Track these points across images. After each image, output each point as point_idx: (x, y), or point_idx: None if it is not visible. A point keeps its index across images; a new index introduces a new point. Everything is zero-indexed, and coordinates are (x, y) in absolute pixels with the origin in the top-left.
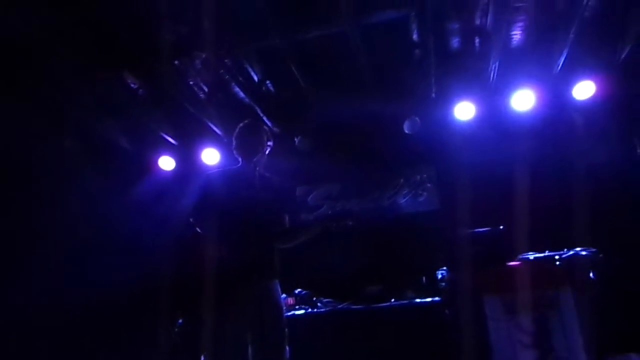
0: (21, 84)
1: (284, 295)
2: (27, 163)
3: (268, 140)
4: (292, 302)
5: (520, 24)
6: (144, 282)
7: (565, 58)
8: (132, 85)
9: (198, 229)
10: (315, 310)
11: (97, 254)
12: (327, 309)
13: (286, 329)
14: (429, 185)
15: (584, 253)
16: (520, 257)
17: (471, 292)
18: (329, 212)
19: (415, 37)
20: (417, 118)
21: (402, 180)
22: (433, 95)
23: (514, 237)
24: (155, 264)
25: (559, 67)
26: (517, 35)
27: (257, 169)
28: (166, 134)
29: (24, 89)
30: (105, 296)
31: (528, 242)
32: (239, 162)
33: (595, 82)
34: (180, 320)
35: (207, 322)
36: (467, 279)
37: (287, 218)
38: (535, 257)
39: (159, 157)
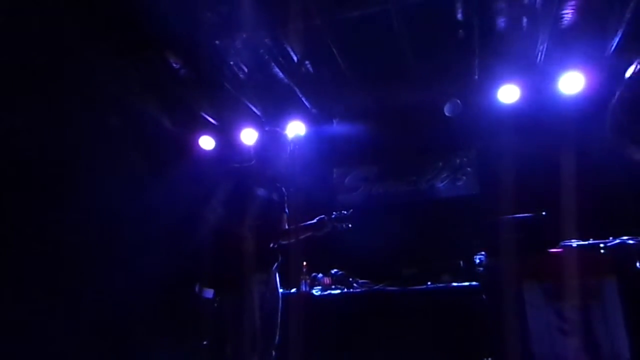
0: (65, 68)
1: (320, 275)
2: (74, 143)
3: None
4: (328, 282)
5: (572, 2)
6: (182, 263)
7: (620, 38)
8: (174, 65)
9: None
10: (351, 290)
11: (137, 235)
12: (363, 289)
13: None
14: (468, 169)
15: (631, 242)
16: (563, 244)
17: (510, 278)
18: (333, 215)
19: (459, 16)
20: (458, 100)
21: (441, 163)
22: (476, 77)
23: (557, 223)
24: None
25: (612, 49)
26: (568, 14)
27: (268, 170)
28: (207, 114)
29: (69, 74)
30: (144, 278)
31: (572, 229)
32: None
33: None
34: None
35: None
36: (506, 265)
37: (285, 217)
38: (578, 245)
39: (199, 136)
